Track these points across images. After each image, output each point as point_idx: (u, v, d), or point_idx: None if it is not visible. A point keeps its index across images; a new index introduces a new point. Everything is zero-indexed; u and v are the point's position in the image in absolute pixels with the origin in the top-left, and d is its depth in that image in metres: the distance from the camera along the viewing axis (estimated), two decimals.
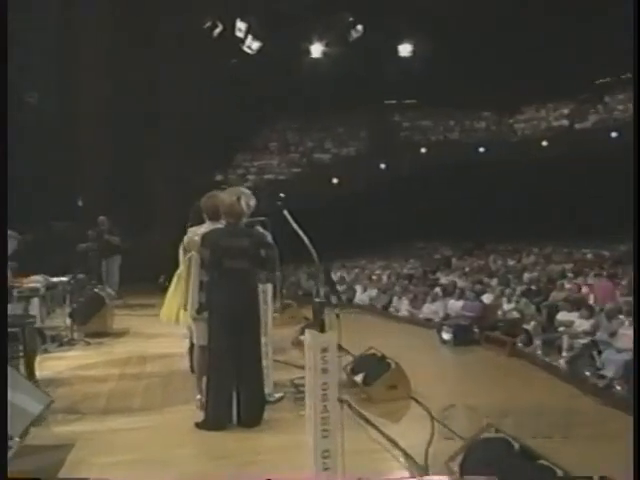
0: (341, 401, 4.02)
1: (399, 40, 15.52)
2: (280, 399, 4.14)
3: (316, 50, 15.17)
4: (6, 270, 3.91)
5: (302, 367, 4.70)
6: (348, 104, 17.24)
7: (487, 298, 8.16)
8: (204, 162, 15.76)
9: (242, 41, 13.77)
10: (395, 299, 9.69)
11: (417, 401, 3.98)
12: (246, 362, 3.64)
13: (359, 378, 4.32)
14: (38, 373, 4.59)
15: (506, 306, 7.52)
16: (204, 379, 3.71)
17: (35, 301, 5.58)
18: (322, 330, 2.47)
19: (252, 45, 13.92)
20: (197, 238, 3.82)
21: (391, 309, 9.41)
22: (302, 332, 5.79)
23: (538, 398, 4.12)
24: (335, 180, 17.83)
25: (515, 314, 7.02)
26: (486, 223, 15.13)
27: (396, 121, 19.75)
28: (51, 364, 5.10)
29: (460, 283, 9.69)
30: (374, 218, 16.22)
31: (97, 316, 6.32)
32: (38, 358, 5.22)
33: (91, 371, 4.97)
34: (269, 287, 4.24)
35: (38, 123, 12.21)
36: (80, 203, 11.72)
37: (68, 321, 6.08)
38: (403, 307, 9.23)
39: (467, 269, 11.89)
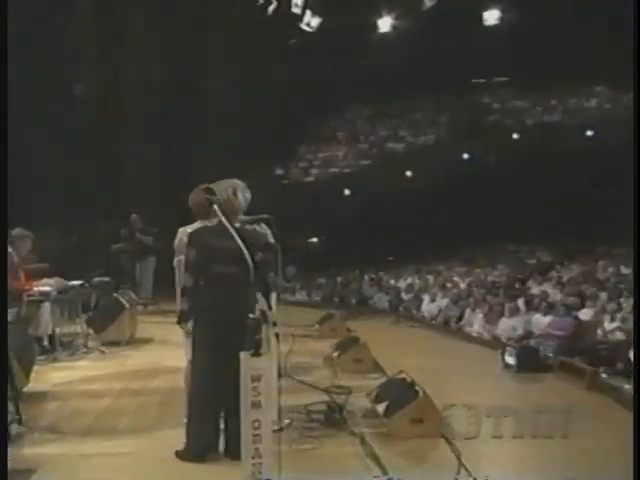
0: (354, 434, 3.77)
1: (484, 6, 14.68)
2: (284, 428, 3.90)
3: (384, 24, 14.76)
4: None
5: (327, 390, 4.63)
6: (425, 85, 16.65)
7: (585, 314, 7.45)
8: (263, 155, 15.93)
9: (300, 18, 13.72)
10: (468, 311, 9.11)
11: (448, 441, 3.57)
12: (235, 383, 3.42)
13: (381, 408, 3.98)
14: (35, 385, 4.73)
15: (608, 325, 6.79)
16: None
17: (46, 306, 5.76)
18: (256, 353, 2.18)
19: (311, 22, 13.84)
20: (186, 239, 3.69)
21: (462, 323, 8.89)
22: (337, 348, 5.58)
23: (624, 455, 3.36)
24: (409, 173, 17.27)
25: (619, 335, 6.30)
26: (596, 221, 13.89)
27: (484, 103, 18.80)
28: (54, 375, 5.24)
29: (555, 294, 8.94)
30: (455, 216, 15.47)
31: (116, 323, 6.44)
32: (44, 368, 5.45)
33: (93, 385, 5.03)
34: (272, 297, 4.00)
35: (84, 116, 12.95)
36: (121, 201, 12.22)
37: (84, 328, 6.26)
38: (476, 321, 8.66)
39: (565, 278, 10.98)
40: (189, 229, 3.78)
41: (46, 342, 5.91)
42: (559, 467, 3.32)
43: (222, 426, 3.44)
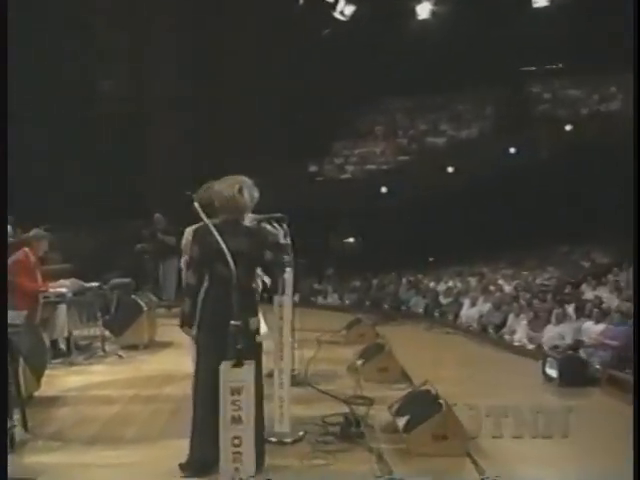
0: (370, 450, 3.64)
1: None
2: (297, 440, 3.82)
3: (423, 10, 14.49)
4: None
5: (348, 401, 4.52)
6: (469, 75, 16.25)
7: None
8: (296, 151, 15.93)
9: (333, 6, 13.62)
10: (511, 317, 8.81)
11: (473, 460, 3.40)
12: None
13: (402, 422, 3.84)
14: (46, 390, 4.81)
15: None
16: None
17: (62, 308, 5.86)
18: (238, 364, 2.09)
19: (345, 10, 13.73)
20: (190, 237, 3.67)
21: (504, 330, 8.60)
22: (361, 355, 5.49)
23: None
24: (450, 169, 16.90)
25: None
26: None
27: (533, 92, 18.21)
28: (68, 380, 5.33)
29: (611, 300, 8.60)
30: (501, 215, 15.04)
31: (134, 326, 6.51)
32: (59, 372, 5.54)
33: (105, 390, 5.07)
34: (286, 300, 3.93)
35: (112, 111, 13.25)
36: (144, 200, 12.45)
37: (101, 331, 6.35)
38: (519, 328, 8.36)
39: (623, 283, 10.50)
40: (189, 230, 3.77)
41: (62, 345, 6.01)
42: None
43: None
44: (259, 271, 5.35)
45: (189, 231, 3.82)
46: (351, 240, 17.61)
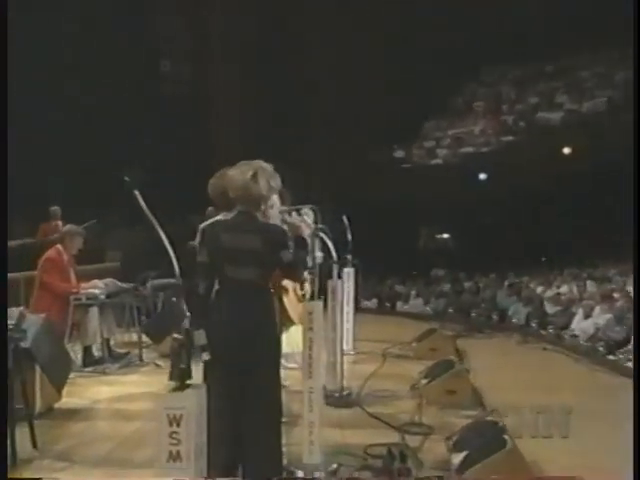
0: None
1: None
2: (330, 474, 3.62)
3: None
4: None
5: (401, 429, 4.27)
6: (594, 31, 15.16)
7: None
8: (379, 133, 15.69)
9: None
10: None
11: None
12: (251, 418, 3.24)
13: (458, 458, 3.53)
14: (69, 401, 4.93)
15: None
16: None
17: (94, 311, 6.01)
18: (181, 386, 1.91)
19: None
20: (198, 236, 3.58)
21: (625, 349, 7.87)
22: (427, 374, 5.23)
23: None
24: (567, 150, 15.88)
25: None
26: None
27: None
28: (96, 390, 5.44)
29: None
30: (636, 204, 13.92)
31: (175, 332, 6.55)
32: (88, 381, 5.69)
33: (133, 404, 5.11)
34: (317, 306, 3.73)
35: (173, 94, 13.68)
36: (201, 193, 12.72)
37: (140, 337, 6.47)
38: None
39: None
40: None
41: (96, 352, 6.17)
42: None
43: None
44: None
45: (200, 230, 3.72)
46: (444, 236, 17.13)
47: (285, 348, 5.04)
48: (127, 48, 13.12)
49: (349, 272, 6.60)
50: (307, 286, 4.73)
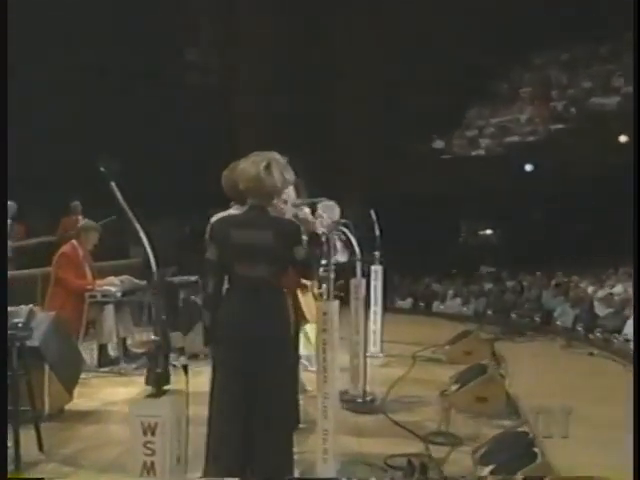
0: None
1: None
2: None
3: None
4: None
5: (426, 439, 4.18)
6: None
7: None
8: (417, 123, 15.50)
9: None
10: None
11: None
12: (261, 422, 3.21)
13: (484, 472, 3.43)
14: (81, 402, 4.99)
15: None
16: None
17: (109, 309, 6.07)
18: (158, 392, 1.87)
19: None
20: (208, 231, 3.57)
21: None
22: (458, 379, 5.15)
23: None
24: (623, 138, 15.40)
25: None
26: None
27: None
28: (110, 392, 5.48)
29: None
30: None
31: (196, 331, 6.57)
32: (103, 381, 5.75)
33: None
34: (332, 305, 3.67)
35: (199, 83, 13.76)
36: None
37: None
38: None
39: None
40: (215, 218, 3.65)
41: (111, 352, 6.24)
42: None
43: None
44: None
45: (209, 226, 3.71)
46: (487, 232, 16.86)
47: (306, 350, 5.03)
48: (149, 33, 13.24)
49: (377, 270, 6.53)
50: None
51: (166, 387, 2.31)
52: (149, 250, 2.31)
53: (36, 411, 4.15)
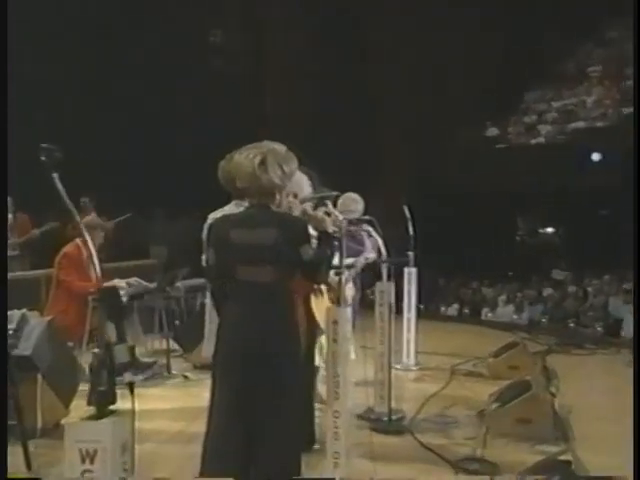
0: None
1: None
2: None
3: None
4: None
5: (458, 465, 4.08)
6: None
7: None
8: (466, 108, 15.24)
9: None
10: None
11: None
12: (264, 446, 3.18)
13: None
14: (78, 415, 5.01)
15: None
16: None
17: None
18: (100, 414, 1.83)
19: None
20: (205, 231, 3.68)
21: None
22: (498, 398, 5.04)
23: None
24: None
25: None
26: None
27: None
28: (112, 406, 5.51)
29: None
30: None
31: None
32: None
33: (150, 422, 5.14)
34: (343, 313, 3.59)
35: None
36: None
37: (169, 345, 6.54)
38: None
39: None
40: (217, 216, 3.66)
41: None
42: None
43: None
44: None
45: (206, 225, 3.71)
46: (548, 230, 16.44)
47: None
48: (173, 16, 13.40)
49: (411, 272, 6.42)
50: (348, 289, 4.63)
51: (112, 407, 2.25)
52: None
53: (24, 426, 4.18)
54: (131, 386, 2.14)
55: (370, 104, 14.85)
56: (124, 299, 6.12)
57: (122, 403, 5.43)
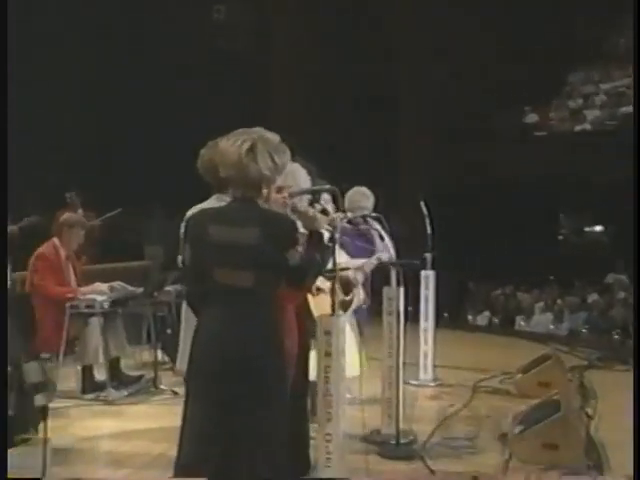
0: None
1: None
2: None
3: None
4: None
5: None
6: None
7: None
8: (503, 93, 15.10)
9: None
10: None
11: None
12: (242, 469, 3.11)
13: None
14: (58, 436, 4.96)
15: None
16: None
17: (93, 323, 6.06)
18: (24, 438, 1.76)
19: None
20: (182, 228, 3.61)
21: None
22: (523, 419, 4.96)
23: None
24: None
25: None
26: None
27: None
28: (92, 425, 5.53)
29: None
30: None
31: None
32: (84, 412, 5.78)
33: (130, 443, 5.13)
34: (336, 322, 3.51)
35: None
36: None
37: (157, 356, 6.51)
38: None
39: None
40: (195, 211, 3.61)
41: (98, 375, 6.24)
42: None
43: None
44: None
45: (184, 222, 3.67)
46: (596, 228, 16.22)
47: None
48: None
49: (428, 276, 6.32)
50: (357, 290, 4.55)
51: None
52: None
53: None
54: (43, 410, 2.04)
55: (396, 86, 14.82)
56: (105, 305, 6.07)
57: (100, 423, 5.53)
